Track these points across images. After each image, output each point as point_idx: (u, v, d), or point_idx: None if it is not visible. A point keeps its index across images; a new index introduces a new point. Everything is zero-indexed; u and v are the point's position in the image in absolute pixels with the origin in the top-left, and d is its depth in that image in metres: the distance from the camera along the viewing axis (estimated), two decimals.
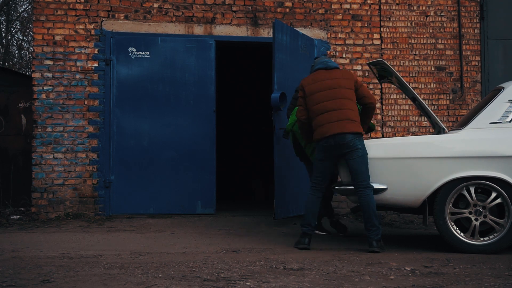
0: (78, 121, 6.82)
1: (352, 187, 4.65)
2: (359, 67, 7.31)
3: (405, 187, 4.58)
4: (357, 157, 4.56)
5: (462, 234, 4.48)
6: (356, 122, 4.62)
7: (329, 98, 4.66)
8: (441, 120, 6.81)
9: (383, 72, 5.29)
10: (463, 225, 4.56)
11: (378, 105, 7.30)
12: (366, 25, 7.37)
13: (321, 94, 4.70)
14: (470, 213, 4.47)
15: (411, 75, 7.42)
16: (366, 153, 4.60)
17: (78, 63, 6.86)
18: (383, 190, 4.59)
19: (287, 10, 7.23)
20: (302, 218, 4.86)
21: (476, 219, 4.45)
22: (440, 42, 7.49)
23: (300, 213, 6.63)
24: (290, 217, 6.46)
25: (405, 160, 4.61)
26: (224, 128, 9.90)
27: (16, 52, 20.43)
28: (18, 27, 19.48)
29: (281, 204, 6.15)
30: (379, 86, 7.32)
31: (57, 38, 6.85)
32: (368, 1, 7.38)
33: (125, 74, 6.87)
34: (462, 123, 4.90)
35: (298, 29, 7.01)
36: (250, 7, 7.15)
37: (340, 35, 7.31)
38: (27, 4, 19.03)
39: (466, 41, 7.53)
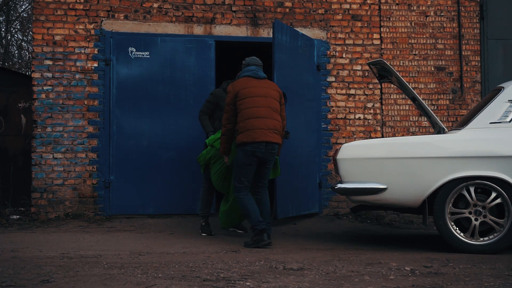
0: (78, 121, 6.82)
1: (352, 187, 4.66)
2: (359, 67, 7.31)
3: (405, 187, 4.58)
4: (270, 166, 4.98)
5: (462, 234, 4.48)
6: (280, 134, 4.90)
7: (261, 105, 4.80)
8: (441, 120, 6.82)
9: (383, 72, 5.29)
10: (463, 225, 4.56)
11: (378, 105, 7.31)
12: (366, 25, 7.37)
13: (253, 99, 4.81)
14: (470, 213, 4.47)
15: (411, 75, 7.42)
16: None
17: (78, 63, 6.86)
18: (383, 190, 4.59)
19: (287, 10, 7.23)
20: (250, 220, 4.86)
21: (476, 219, 4.45)
22: (440, 42, 7.49)
23: (300, 213, 6.64)
24: (290, 217, 6.46)
25: (405, 160, 4.61)
26: None
27: (16, 52, 20.43)
28: (18, 27, 19.49)
29: (281, 204, 6.15)
30: (379, 86, 7.32)
31: (57, 38, 6.85)
32: (368, 1, 7.38)
33: (125, 74, 6.87)
34: (462, 123, 4.90)
35: (298, 29, 7.01)
36: (250, 7, 7.15)
37: (340, 35, 7.31)
38: (27, 4, 19.04)
39: (466, 41, 7.54)
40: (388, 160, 4.64)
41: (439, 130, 4.92)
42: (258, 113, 4.79)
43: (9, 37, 19.57)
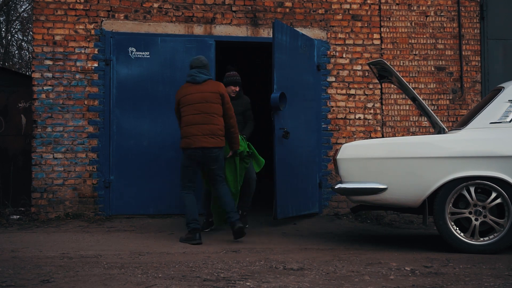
0: (78, 121, 6.82)
1: (353, 187, 4.66)
2: (359, 67, 7.31)
3: (405, 187, 4.58)
4: (217, 166, 5.21)
5: (462, 234, 4.48)
6: (220, 137, 5.15)
7: (197, 111, 5.13)
8: (441, 120, 6.82)
9: (383, 72, 5.29)
10: (463, 225, 4.56)
11: (378, 105, 7.31)
12: (366, 25, 7.37)
13: (189, 107, 5.16)
14: (470, 213, 4.47)
15: (411, 75, 7.42)
16: (223, 158, 5.26)
17: (78, 63, 6.86)
18: (383, 190, 4.59)
19: (287, 10, 7.23)
20: (186, 217, 5.21)
21: (476, 219, 4.45)
22: (440, 42, 7.49)
23: (300, 213, 6.64)
24: (290, 217, 6.46)
25: (405, 160, 4.61)
26: None
27: (16, 52, 20.44)
28: (18, 27, 19.50)
29: (281, 204, 6.15)
30: (379, 86, 7.32)
31: (57, 38, 6.85)
32: (368, 1, 7.38)
33: (125, 74, 6.87)
34: (462, 123, 4.90)
35: (298, 29, 7.01)
36: (250, 7, 7.15)
37: (340, 35, 7.31)
38: (27, 4, 19.04)
39: (466, 41, 7.53)
40: (388, 160, 4.65)
41: (439, 130, 4.92)
42: (193, 120, 5.13)
43: (9, 37, 19.57)
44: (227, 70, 6.25)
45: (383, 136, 7.24)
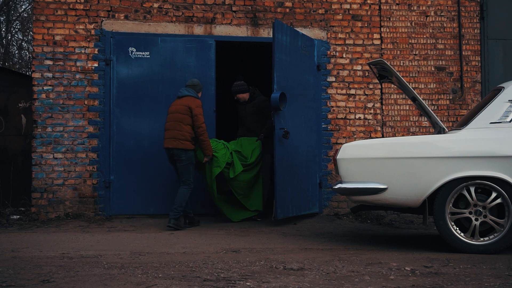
0: (78, 121, 6.82)
1: (353, 187, 4.66)
2: (359, 67, 7.31)
3: (405, 187, 4.57)
4: (181, 165, 6.08)
5: (462, 234, 4.48)
6: (180, 140, 6.06)
7: (169, 119, 6.17)
8: (441, 120, 6.82)
9: (383, 72, 5.29)
10: (463, 225, 4.56)
11: (378, 105, 7.31)
12: (366, 25, 7.37)
13: (168, 116, 6.22)
14: (470, 213, 4.47)
15: (411, 75, 7.42)
16: (191, 162, 6.12)
17: (78, 63, 6.86)
18: (383, 190, 4.59)
19: (287, 10, 7.23)
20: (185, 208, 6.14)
21: (476, 219, 4.45)
22: (440, 42, 7.49)
23: (300, 213, 6.64)
24: (290, 217, 6.46)
25: (405, 160, 4.61)
26: (224, 128, 9.88)
27: (16, 52, 20.43)
28: (18, 27, 19.49)
29: (281, 204, 6.15)
30: (379, 86, 7.32)
31: (57, 38, 6.85)
32: (368, 1, 7.38)
33: (125, 74, 6.87)
34: (462, 123, 4.90)
35: (298, 29, 7.01)
36: (250, 7, 7.16)
37: (340, 35, 7.31)
38: (27, 4, 19.04)
39: (466, 41, 7.54)
40: (388, 160, 4.64)
41: (440, 130, 4.92)
42: (166, 126, 6.21)
43: (9, 37, 19.57)
44: (236, 80, 6.78)
45: (383, 136, 7.24)
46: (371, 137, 7.19)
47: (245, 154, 6.58)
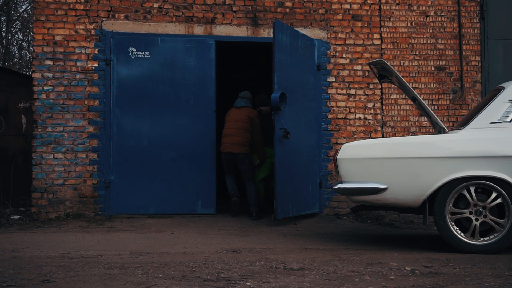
0: (78, 121, 6.82)
1: (353, 187, 4.67)
2: (359, 67, 7.31)
3: (405, 187, 4.57)
4: (244, 167, 6.86)
5: (462, 234, 4.48)
6: (244, 146, 6.80)
7: (231, 126, 6.84)
8: (441, 120, 6.82)
9: (383, 72, 5.29)
10: (463, 225, 4.56)
11: (378, 105, 7.32)
12: (366, 25, 7.37)
13: (227, 123, 6.92)
14: (470, 213, 4.47)
15: (411, 75, 7.42)
16: (251, 163, 6.91)
17: (78, 63, 6.86)
18: (383, 190, 4.59)
19: (287, 10, 7.23)
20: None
21: (476, 219, 4.45)
22: (440, 42, 7.49)
23: (300, 213, 6.64)
24: (290, 217, 6.46)
25: (405, 160, 4.61)
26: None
27: (16, 52, 20.43)
28: (18, 27, 19.49)
29: (281, 204, 6.15)
30: (379, 86, 7.32)
31: (57, 38, 6.85)
32: (368, 1, 7.38)
33: (125, 74, 6.88)
34: (462, 123, 4.90)
35: (298, 29, 7.01)
36: (250, 7, 7.16)
37: (340, 35, 7.31)
38: (27, 4, 19.04)
39: (466, 41, 7.54)
40: (388, 160, 4.64)
41: (440, 130, 4.92)
42: (227, 132, 6.86)
43: (9, 37, 19.57)
44: (260, 93, 7.49)
45: (383, 136, 7.24)
46: (371, 137, 7.19)
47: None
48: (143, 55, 6.90)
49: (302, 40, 6.84)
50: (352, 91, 7.29)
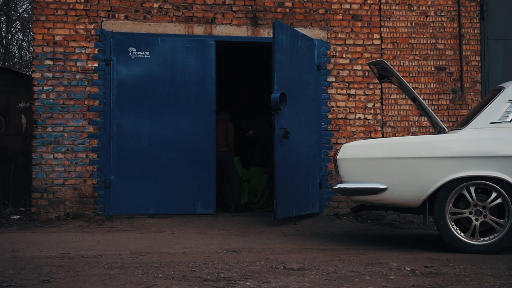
0: (78, 121, 6.82)
1: (353, 187, 4.67)
2: (359, 67, 7.31)
3: (405, 187, 4.57)
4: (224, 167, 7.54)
5: (462, 234, 4.48)
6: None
7: None
8: (441, 120, 6.81)
9: (383, 72, 5.29)
10: (463, 225, 4.56)
11: (378, 105, 7.32)
12: (366, 25, 7.37)
13: None
14: (470, 213, 4.47)
15: (411, 75, 7.42)
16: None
17: (78, 63, 6.86)
18: (383, 190, 4.58)
19: (287, 10, 7.23)
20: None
21: (476, 219, 4.45)
22: (440, 42, 7.49)
23: (300, 213, 6.64)
24: (290, 217, 6.46)
25: (405, 160, 4.61)
26: None
27: (16, 52, 20.43)
28: (18, 27, 19.48)
29: (281, 204, 6.15)
30: (379, 86, 7.32)
31: (57, 38, 6.85)
32: (368, 1, 7.38)
33: (125, 74, 6.87)
34: (462, 123, 4.90)
35: (298, 29, 7.01)
36: (250, 7, 7.16)
37: (340, 35, 7.31)
38: (27, 4, 19.03)
39: (466, 41, 7.54)
40: (388, 160, 4.64)
41: (440, 130, 4.92)
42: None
43: (9, 37, 19.56)
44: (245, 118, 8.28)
45: (383, 136, 7.24)
46: (371, 137, 7.19)
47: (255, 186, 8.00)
48: (143, 55, 6.90)
49: (302, 40, 6.84)
50: (352, 91, 7.29)
